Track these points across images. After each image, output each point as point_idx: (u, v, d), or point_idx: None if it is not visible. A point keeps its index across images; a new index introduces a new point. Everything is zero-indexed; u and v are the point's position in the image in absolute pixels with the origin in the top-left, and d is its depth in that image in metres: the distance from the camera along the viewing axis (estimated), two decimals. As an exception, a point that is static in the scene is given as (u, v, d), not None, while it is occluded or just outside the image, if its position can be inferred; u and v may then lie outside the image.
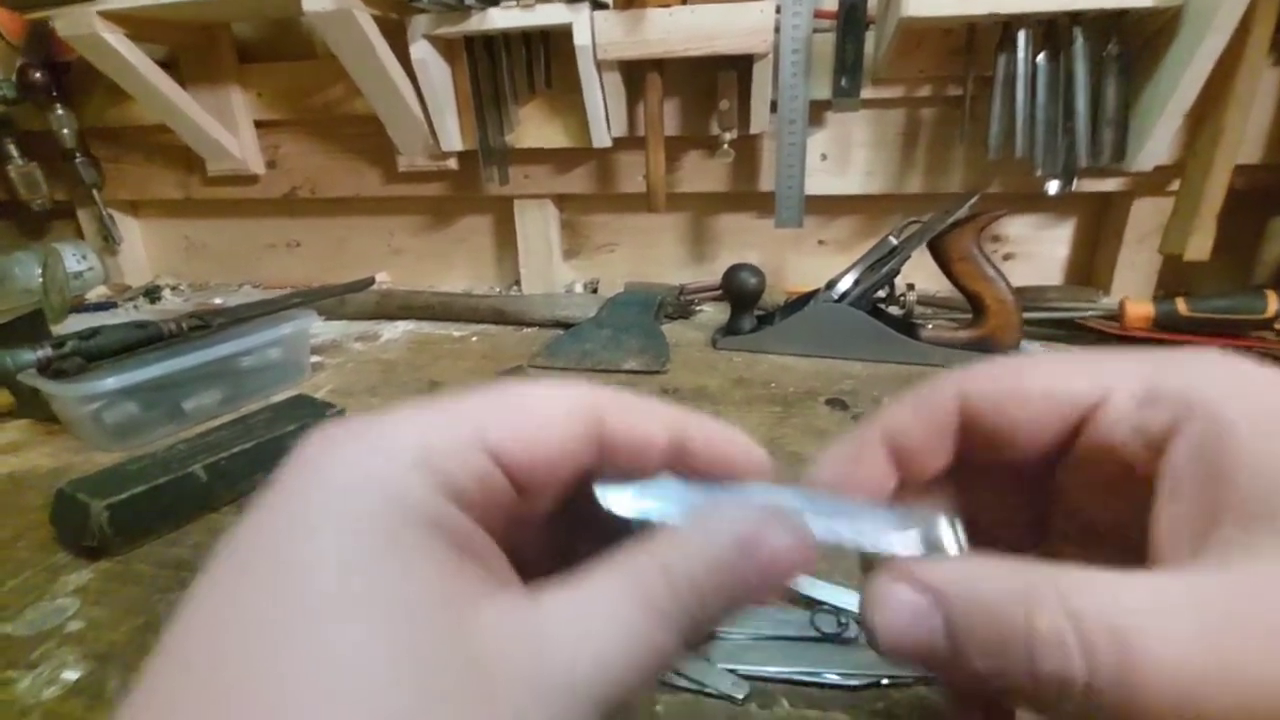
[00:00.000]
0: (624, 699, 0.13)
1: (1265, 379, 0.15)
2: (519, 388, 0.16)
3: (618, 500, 0.17)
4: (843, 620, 0.32)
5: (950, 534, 0.17)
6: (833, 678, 0.29)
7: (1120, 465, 0.16)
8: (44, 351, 0.53)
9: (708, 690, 0.29)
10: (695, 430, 0.17)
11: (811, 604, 0.34)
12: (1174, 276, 0.81)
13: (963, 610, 0.13)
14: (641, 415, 0.17)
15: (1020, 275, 0.83)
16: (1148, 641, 0.12)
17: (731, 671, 0.30)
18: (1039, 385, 0.17)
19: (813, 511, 0.16)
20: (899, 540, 0.16)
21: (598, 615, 0.13)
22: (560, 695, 0.12)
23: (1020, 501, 0.20)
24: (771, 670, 0.30)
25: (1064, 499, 0.19)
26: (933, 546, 0.17)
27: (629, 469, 0.17)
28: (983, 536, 0.18)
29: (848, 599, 0.34)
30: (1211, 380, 0.15)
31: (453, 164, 0.88)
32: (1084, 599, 0.12)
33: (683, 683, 0.30)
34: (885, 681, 0.29)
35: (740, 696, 0.29)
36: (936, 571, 0.14)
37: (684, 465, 0.17)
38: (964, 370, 0.18)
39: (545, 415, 0.15)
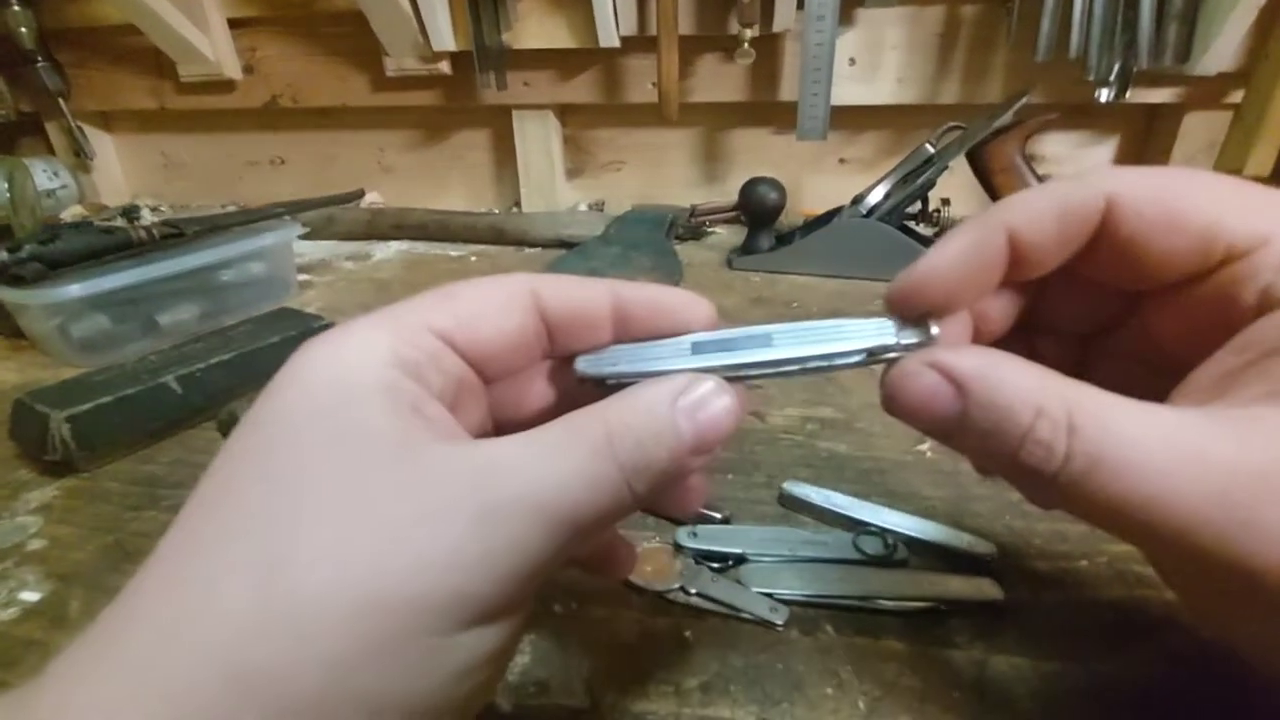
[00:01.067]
0: (574, 527, 0.14)
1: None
2: (460, 283, 0.18)
3: (588, 363, 0.18)
4: (890, 542, 0.29)
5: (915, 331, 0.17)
6: (884, 603, 0.26)
7: (1226, 309, 0.16)
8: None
9: (742, 615, 0.26)
10: (633, 294, 0.19)
11: (854, 525, 0.30)
12: (1221, 199, 0.75)
13: (980, 404, 0.15)
14: (577, 287, 0.18)
15: (1056, 197, 0.78)
16: (1119, 469, 0.14)
17: (768, 595, 0.27)
18: (1202, 216, 0.16)
19: (770, 341, 0.17)
20: (861, 339, 0.17)
21: (539, 451, 0.15)
22: (506, 509, 0.14)
23: (1090, 312, 0.20)
24: (813, 594, 0.27)
25: (1140, 322, 0.19)
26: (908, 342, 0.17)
27: (579, 339, 0.19)
28: (1041, 327, 0.20)
29: (893, 519, 0.30)
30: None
31: (445, 67, 0.81)
32: (1084, 417, 0.14)
33: (712, 606, 0.26)
34: (943, 607, 0.26)
35: (779, 622, 0.26)
36: (965, 363, 0.16)
37: (631, 329, 0.19)
38: (1115, 170, 0.17)
39: (482, 298, 0.18)
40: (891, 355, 0.17)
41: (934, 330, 0.17)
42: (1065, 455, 0.14)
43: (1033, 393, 0.15)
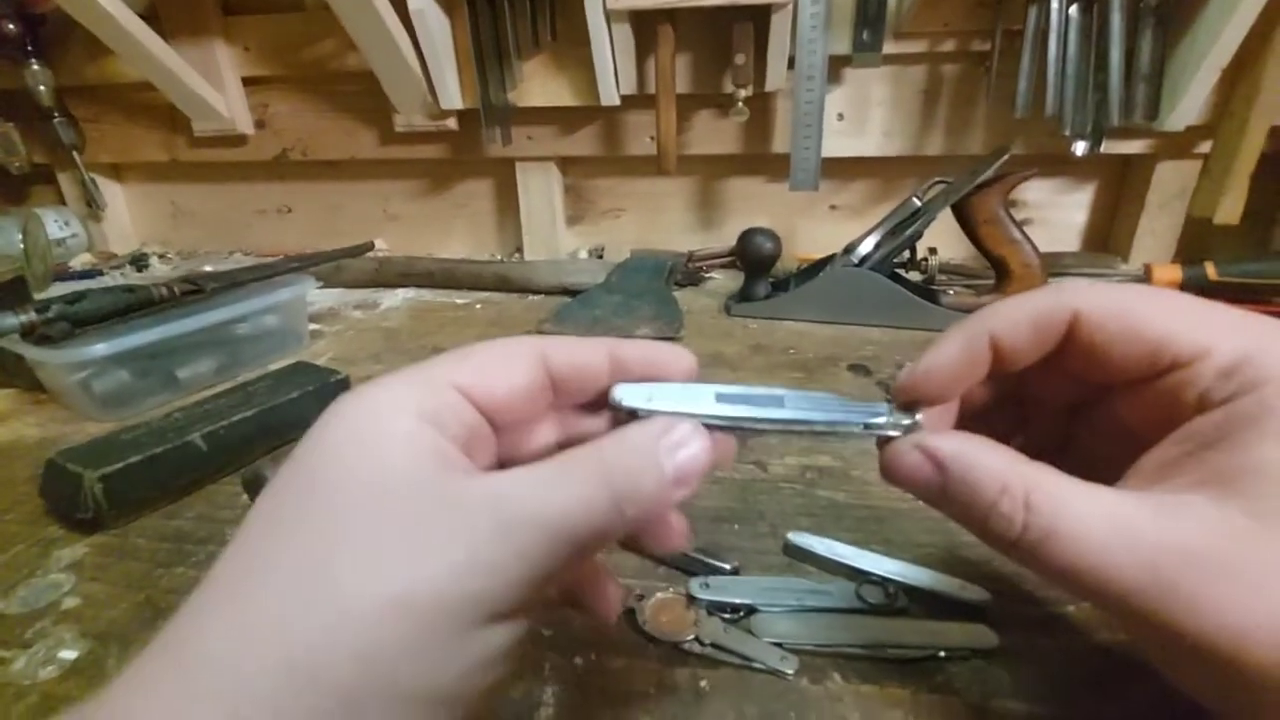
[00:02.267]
0: (573, 542, 0.17)
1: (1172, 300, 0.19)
2: (477, 345, 0.21)
3: (625, 394, 0.21)
4: (890, 590, 0.31)
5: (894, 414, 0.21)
6: (887, 651, 0.28)
7: (1170, 406, 0.19)
8: (27, 316, 0.50)
9: (754, 665, 0.28)
10: (628, 350, 0.22)
11: (856, 574, 0.32)
12: (1193, 243, 0.79)
13: (955, 480, 0.19)
14: (579, 346, 0.21)
15: (1037, 242, 0.80)
16: (1067, 539, 0.17)
17: (778, 645, 0.28)
18: (1156, 330, 0.19)
19: (782, 402, 0.21)
20: (859, 415, 0.21)
21: (545, 479, 0.17)
22: (516, 526, 0.16)
23: (1068, 392, 0.23)
24: (821, 643, 0.28)
25: (1109, 404, 0.22)
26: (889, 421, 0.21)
27: (581, 392, 0.22)
28: (1028, 400, 0.23)
29: (893, 568, 0.32)
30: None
31: (452, 124, 0.84)
32: (1040, 496, 0.17)
33: (727, 658, 0.28)
34: (942, 654, 0.28)
35: (789, 671, 0.27)
36: (946, 446, 0.19)
37: (628, 379, 0.21)
38: (1083, 287, 0.21)
39: (496, 358, 0.20)
40: (885, 433, 0.21)
41: (919, 417, 0.21)
42: (1022, 526, 0.17)
43: (999, 473, 0.18)
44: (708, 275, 0.84)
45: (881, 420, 0.21)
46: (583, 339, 0.22)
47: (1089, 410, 0.23)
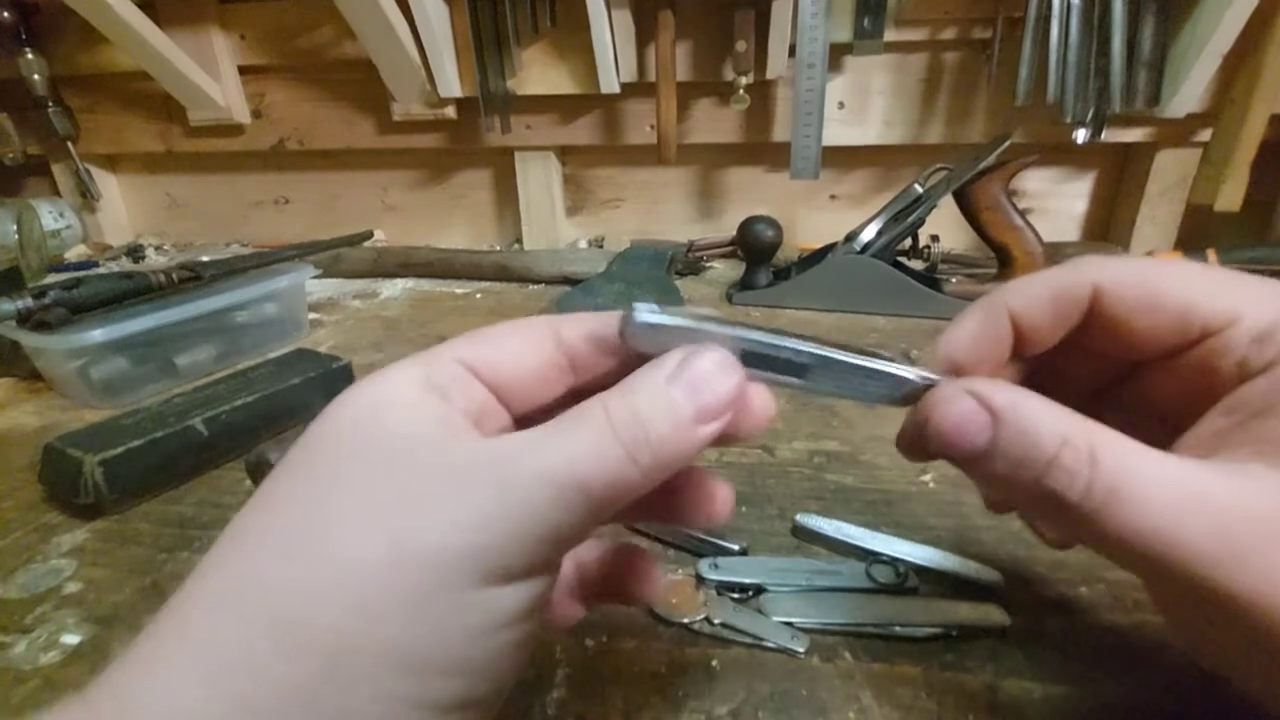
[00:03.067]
0: (583, 495, 0.15)
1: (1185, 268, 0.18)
2: (486, 327, 0.20)
3: (647, 310, 0.18)
4: (900, 570, 0.30)
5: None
6: (898, 629, 0.28)
7: (1210, 379, 0.18)
8: (23, 302, 0.49)
9: (765, 644, 0.27)
10: None
11: (866, 555, 0.32)
12: (1194, 231, 0.79)
13: (1012, 431, 0.17)
14: (592, 318, 0.20)
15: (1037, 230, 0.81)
16: (1132, 489, 0.15)
17: (788, 624, 0.28)
18: (1177, 298, 0.19)
19: (801, 347, 0.18)
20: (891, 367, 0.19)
21: (549, 432, 0.16)
22: (517, 479, 0.15)
23: (1094, 375, 0.22)
24: (831, 622, 0.28)
25: (1143, 389, 0.21)
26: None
27: (598, 369, 0.20)
28: (1053, 385, 0.20)
29: (903, 549, 0.32)
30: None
31: (451, 112, 0.84)
32: (1105, 452, 0.16)
33: (738, 637, 0.28)
34: (955, 633, 0.27)
35: (800, 650, 0.27)
36: (1001, 394, 0.17)
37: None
38: (1101, 260, 0.20)
39: (505, 336, 0.19)
40: (914, 388, 0.19)
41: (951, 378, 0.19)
42: (1086, 484, 0.16)
43: (1060, 425, 0.16)
44: (708, 264, 0.83)
45: (915, 376, 0.19)
46: (596, 313, 0.20)
47: (1119, 393, 0.22)
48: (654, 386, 0.17)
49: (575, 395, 0.21)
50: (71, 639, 0.30)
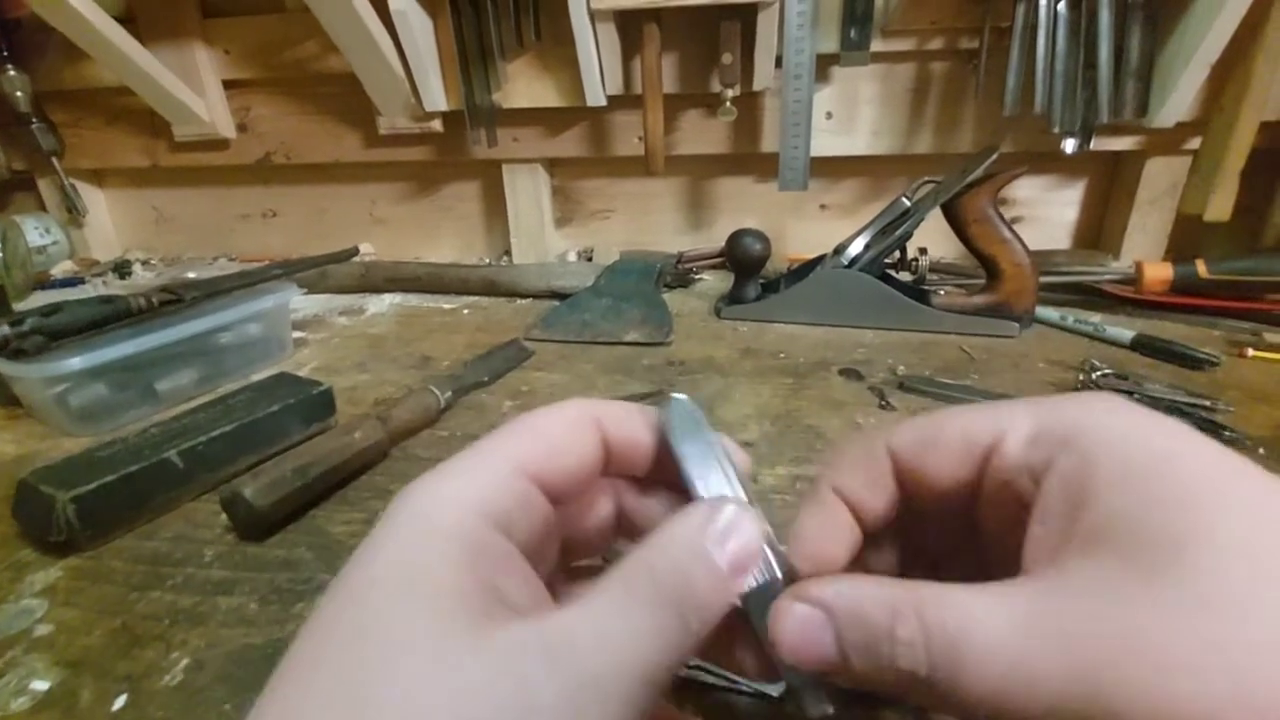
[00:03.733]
0: (652, 684, 0.15)
1: (1140, 420, 0.17)
2: (536, 417, 0.20)
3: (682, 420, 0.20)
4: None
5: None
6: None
7: (1017, 498, 0.18)
8: (1, 330, 0.49)
9: (741, 689, 0.27)
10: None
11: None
12: (1183, 240, 0.79)
13: (845, 621, 0.16)
14: (633, 418, 0.21)
15: (1027, 239, 0.80)
16: (971, 643, 0.15)
17: (766, 666, 0.28)
18: (953, 430, 0.20)
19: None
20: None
21: (606, 617, 0.15)
22: (584, 691, 0.14)
23: (958, 537, 0.22)
24: (809, 664, 0.28)
25: (985, 530, 0.21)
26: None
27: (631, 462, 0.21)
28: (931, 569, 0.21)
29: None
30: (1089, 421, 0.17)
31: (437, 125, 0.83)
32: (934, 611, 0.15)
33: (713, 680, 0.27)
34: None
35: (776, 694, 0.27)
36: (826, 589, 0.17)
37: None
38: (892, 428, 0.21)
39: (562, 434, 0.19)
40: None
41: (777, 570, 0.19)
42: (925, 649, 0.15)
43: (885, 596, 0.16)
44: (697, 276, 0.83)
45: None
46: (636, 408, 0.21)
47: (972, 548, 0.22)
48: (694, 545, 0.17)
49: (605, 482, 0.22)
50: (41, 685, 0.29)
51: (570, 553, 0.22)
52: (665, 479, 0.22)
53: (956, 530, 0.21)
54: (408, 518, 0.17)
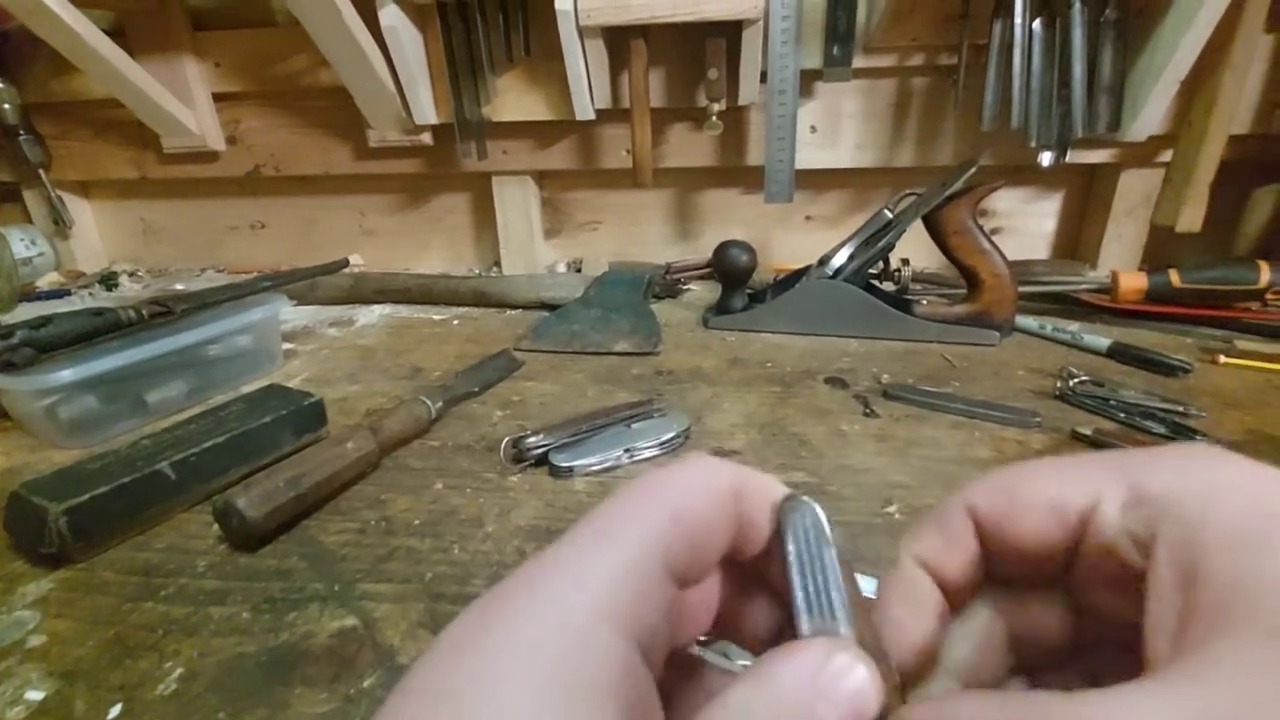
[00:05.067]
0: None
1: (1242, 474, 0.16)
2: (680, 490, 0.16)
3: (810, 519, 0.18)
4: (864, 609, 0.31)
5: None
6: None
7: (1121, 567, 0.17)
8: (-11, 343, 0.49)
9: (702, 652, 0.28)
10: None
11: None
12: (1158, 250, 0.81)
13: None
14: (767, 489, 0.18)
15: (1007, 250, 0.81)
16: None
17: (753, 668, 0.28)
18: (1038, 497, 0.18)
19: None
20: None
21: None
22: None
23: (1053, 612, 0.20)
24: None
25: (1086, 604, 0.19)
26: None
27: (751, 542, 0.18)
28: (1027, 650, 0.19)
29: (870, 586, 0.32)
30: (1188, 481, 0.16)
31: (427, 138, 0.84)
32: None
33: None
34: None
35: (739, 664, 0.27)
36: (936, 711, 0.15)
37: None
38: (970, 486, 0.19)
39: (707, 514, 0.16)
40: None
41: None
42: None
43: (999, 710, 0.14)
44: (685, 287, 0.84)
45: None
46: (773, 482, 0.18)
47: (1083, 634, 0.20)
48: (802, 700, 0.14)
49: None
50: (36, 695, 0.30)
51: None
52: (769, 572, 0.19)
53: (1046, 600, 0.20)
54: (545, 612, 0.14)
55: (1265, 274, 0.63)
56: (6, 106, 0.88)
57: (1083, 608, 0.19)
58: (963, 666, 0.20)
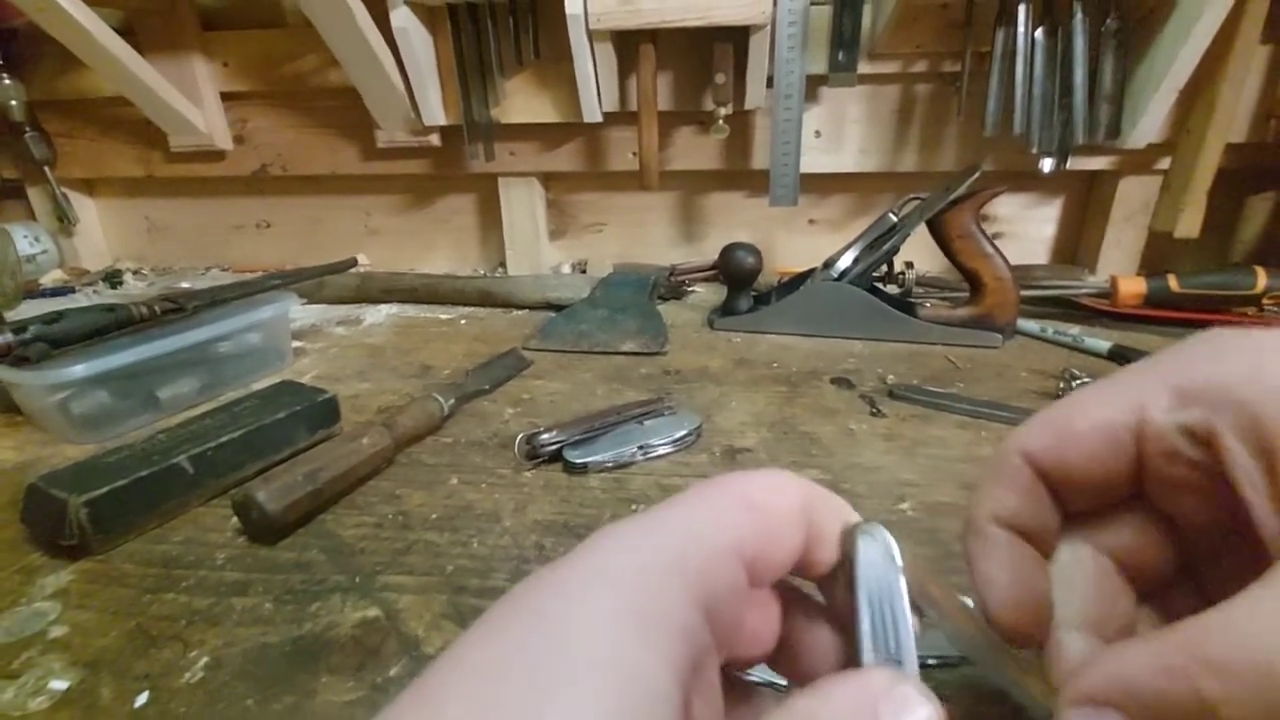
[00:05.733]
0: None
1: (1269, 343, 0.16)
2: (756, 491, 0.17)
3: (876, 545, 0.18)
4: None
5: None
6: (878, 661, 0.29)
7: (1189, 466, 0.17)
8: (3, 337, 0.49)
9: (748, 678, 0.28)
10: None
11: (846, 586, 0.33)
12: (1156, 255, 0.82)
13: (1137, 711, 0.15)
14: (836, 518, 0.18)
15: (1008, 254, 0.83)
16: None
17: (772, 658, 0.29)
18: (1083, 423, 0.19)
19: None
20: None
21: None
22: None
23: (1149, 531, 0.20)
24: (813, 655, 0.29)
25: (1172, 514, 0.19)
26: None
27: (812, 568, 0.18)
28: (1142, 576, 0.19)
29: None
30: (1226, 366, 0.17)
31: (435, 139, 0.85)
32: (1221, 648, 0.14)
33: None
34: (932, 662, 0.28)
35: (784, 681, 0.28)
36: (1085, 682, 0.15)
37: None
38: (1016, 432, 0.19)
39: (781, 519, 0.17)
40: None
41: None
42: (1244, 699, 0.13)
43: (1156, 660, 0.14)
44: (690, 289, 0.85)
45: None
46: (842, 503, 0.18)
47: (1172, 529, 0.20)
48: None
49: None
50: (59, 684, 0.30)
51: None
52: (834, 599, 0.19)
53: (1138, 523, 0.20)
54: (622, 556, 0.15)
55: (1262, 279, 0.64)
56: (13, 103, 0.88)
57: (1173, 518, 0.19)
58: (1088, 616, 0.19)
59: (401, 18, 0.72)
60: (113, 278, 0.96)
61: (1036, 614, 0.19)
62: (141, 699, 0.29)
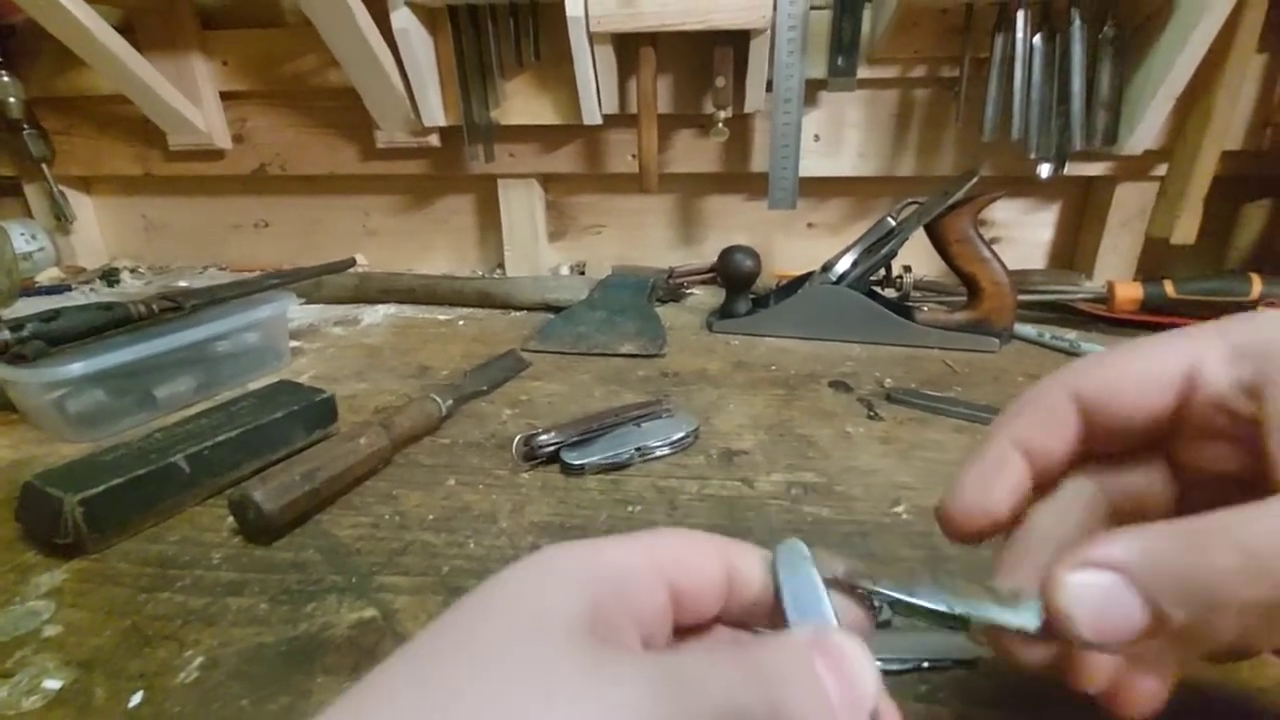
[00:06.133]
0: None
1: None
2: (676, 532, 0.20)
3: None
4: (877, 604, 0.31)
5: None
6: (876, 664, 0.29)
7: (1231, 416, 0.18)
8: (0, 334, 0.49)
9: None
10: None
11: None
12: (1152, 261, 0.83)
13: (1148, 574, 0.15)
14: (754, 551, 0.20)
15: (1005, 259, 0.83)
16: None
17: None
18: (1142, 368, 0.20)
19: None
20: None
21: (704, 661, 0.16)
22: (683, 699, 0.14)
23: (1155, 478, 0.21)
24: (810, 658, 0.29)
25: (1189, 463, 0.20)
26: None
27: (745, 607, 0.20)
28: (1128, 520, 0.19)
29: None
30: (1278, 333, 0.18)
31: (434, 140, 0.85)
32: (1243, 530, 0.15)
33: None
34: (926, 665, 0.29)
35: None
36: (1112, 548, 0.16)
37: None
38: (1068, 368, 0.21)
39: (696, 549, 0.19)
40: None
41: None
42: (1258, 569, 0.14)
43: (1180, 535, 0.15)
44: (689, 291, 0.85)
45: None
46: (751, 547, 0.20)
47: (1178, 474, 0.22)
48: (798, 660, 0.16)
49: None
50: (53, 684, 0.30)
51: None
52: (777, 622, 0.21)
53: (1147, 469, 0.21)
54: (536, 566, 0.17)
55: (1257, 286, 0.64)
56: (11, 100, 0.88)
57: (1185, 468, 0.21)
58: (1069, 543, 0.20)
59: (402, 18, 0.72)
60: (110, 276, 0.96)
61: (988, 523, 0.20)
62: (136, 699, 0.29)
